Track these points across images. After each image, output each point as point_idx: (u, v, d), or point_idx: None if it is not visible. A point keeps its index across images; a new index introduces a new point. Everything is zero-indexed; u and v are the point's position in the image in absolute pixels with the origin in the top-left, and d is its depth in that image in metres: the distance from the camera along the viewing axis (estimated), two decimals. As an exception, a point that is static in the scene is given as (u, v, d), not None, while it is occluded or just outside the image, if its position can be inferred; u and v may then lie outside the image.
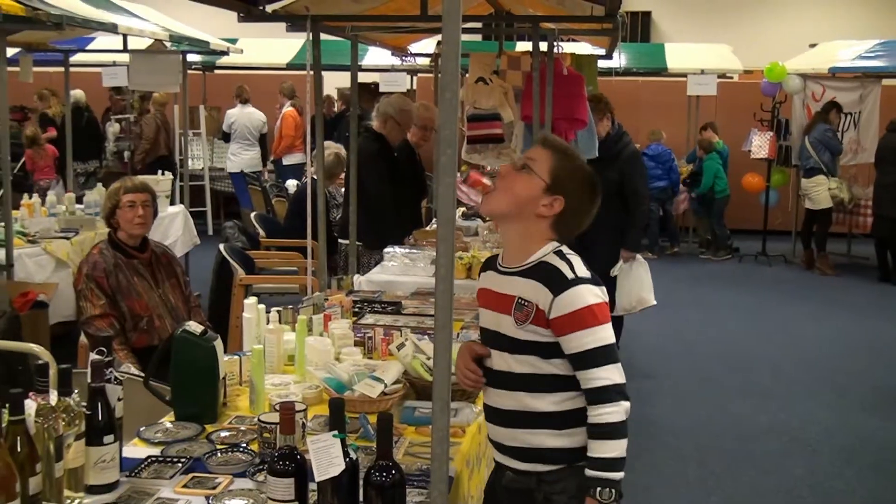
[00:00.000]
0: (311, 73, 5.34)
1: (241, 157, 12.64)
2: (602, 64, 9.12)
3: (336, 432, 2.15)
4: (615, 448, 2.44)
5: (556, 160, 2.54)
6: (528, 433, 2.57)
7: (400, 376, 3.30)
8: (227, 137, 13.00)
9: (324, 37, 5.36)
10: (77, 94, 11.92)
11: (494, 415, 2.67)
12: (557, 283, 2.49)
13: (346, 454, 2.13)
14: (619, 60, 12.73)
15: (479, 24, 6.66)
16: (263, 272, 7.02)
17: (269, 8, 5.16)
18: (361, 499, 2.17)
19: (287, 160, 12.77)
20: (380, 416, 2.18)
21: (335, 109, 13.96)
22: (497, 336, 2.62)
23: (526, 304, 2.51)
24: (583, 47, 9.34)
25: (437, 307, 2.11)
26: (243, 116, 12.69)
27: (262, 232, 7.82)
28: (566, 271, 2.51)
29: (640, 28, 16.82)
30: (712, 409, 6.48)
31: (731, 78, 13.52)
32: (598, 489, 2.41)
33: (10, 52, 7.35)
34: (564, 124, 6.02)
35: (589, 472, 2.44)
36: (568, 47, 7.67)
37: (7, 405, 2.22)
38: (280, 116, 12.86)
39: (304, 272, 6.03)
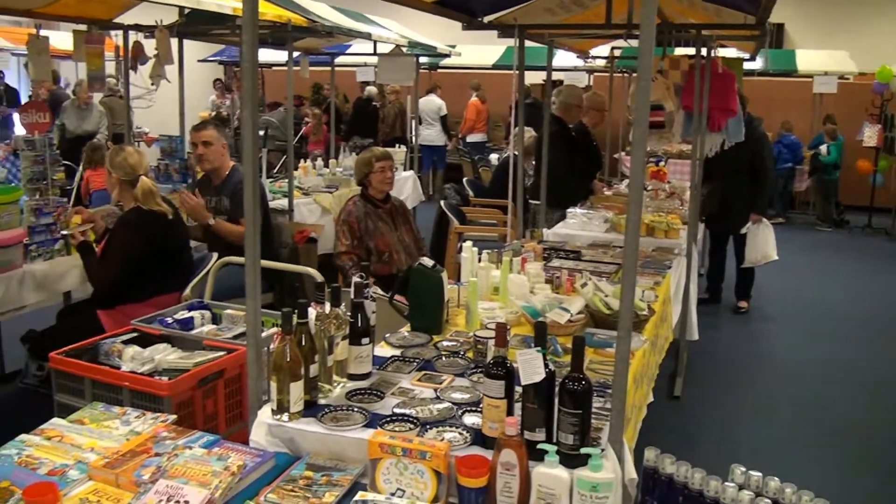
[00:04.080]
0: (517, 72, 5.27)
1: (424, 135, 12.84)
2: (745, 66, 8.67)
3: (539, 348, 2.10)
4: None
5: None
6: None
7: (582, 308, 3.23)
8: (420, 119, 13.14)
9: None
10: (371, 90, 12.44)
11: None
12: None
13: (546, 365, 2.08)
14: (758, 63, 12.12)
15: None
16: (472, 223, 7.02)
17: (486, 19, 5.11)
18: (557, 401, 2.12)
19: (470, 138, 13.19)
20: (575, 339, 2.11)
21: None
22: None
23: None
24: (730, 52, 8.88)
25: (625, 254, 2.03)
26: (425, 103, 12.82)
27: (471, 193, 7.84)
28: None
29: (774, 37, 15.94)
30: (821, 348, 6.18)
31: (848, 79, 12.70)
32: None
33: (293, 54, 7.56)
34: (717, 113, 5.72)
35: None
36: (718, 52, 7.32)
37: (296, 311, 2.28)
38: (467, 104, 13.12)
39: (505, 225, 6.01)
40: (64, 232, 4.32)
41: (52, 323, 4.47)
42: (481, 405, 2.24)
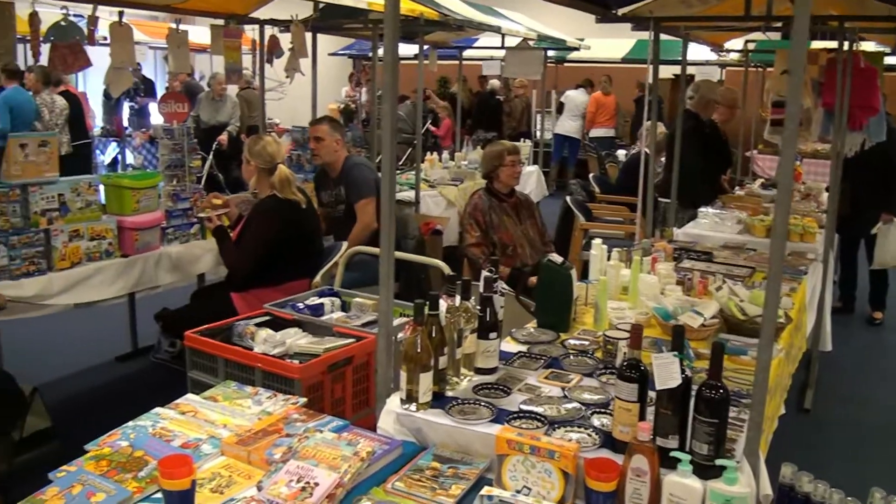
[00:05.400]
0: (651, 66, 5.15)
1: (565, 125, 12.73)
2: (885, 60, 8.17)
3: (676, 352, 2.04)
4: None
5: None
6: None
7: (716, 313, 3.12)
8: (560, 108, 13.05)
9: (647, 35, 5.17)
10: (494, 83, 12.50)
11: None
12: None
13: (682, 371, 2.02)
14: (896, 57, 11.37)
15: (779, 24, 6.17)
16: (598, 220, 6.92)
17: (620, 11, 5.00)
18: (692, 409, 2.04)
19: (595, 133, 12.87)
20: (714, 345, 2.03)
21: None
22: None
23: None
24: (867, 45, 8.40)
25: (771, 259, 1.93)
26: (575, 95, 12.70)
27: (597, 189, 7.71)
28: None
29: (914, 27, 14.83)
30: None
31: None
32: None
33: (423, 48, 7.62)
34: (859, 111, 5.39)
35: None
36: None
37: (428, 303, 2.29)
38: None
39: (631, 223, 5.88)
40: (201, 215, 4.49)
41: (184, 302, 4.67)
42: (611, 407, 2.19)
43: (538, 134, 11.81)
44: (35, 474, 3.49)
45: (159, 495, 1.87)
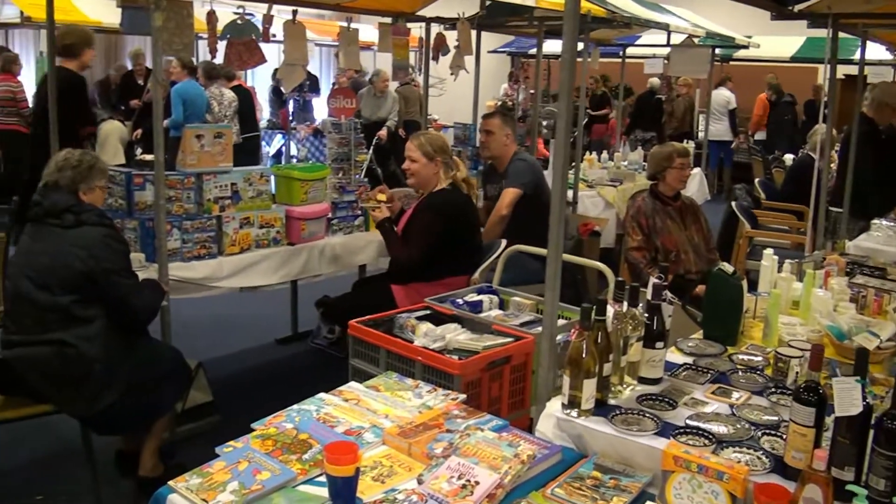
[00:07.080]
0: (829, 65, 4.89)
1: (712, 130, 11.95)
2: None
3: (859, 378, 1.92)
4: None
5: None
6: None
7: (892, 335, 2.91)
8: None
9: (820, 33, 4.87)
10: (653, 81, 12.17)
11: None
12: None
13: (864, 398, 1.90)
14: None
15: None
16: (763, 228, 6.61)
17: (797, 8, 4.76)
18: (871, 440, 1.92)
19: (758, 136, 12.29)
20: (900, 371, 1.91)
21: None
22: None
23: None
24: None
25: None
26: (714, 96, 11.95)
27: (762, 195, 7.38)
28: None
29: None
30: None
31: None
32: None
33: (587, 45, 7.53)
34: None
35: None
36: None
37: (595, 307, 2.26)
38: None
39: (798, 232, 5.58)
40: (365, 205, 4.59)
41: (344, 290, 4.80)
42: (782, 429, 2.09)
43: (700, 134, 11.37)
44: (194, 444, 3.72)
45: (322, 479, 1.92)
